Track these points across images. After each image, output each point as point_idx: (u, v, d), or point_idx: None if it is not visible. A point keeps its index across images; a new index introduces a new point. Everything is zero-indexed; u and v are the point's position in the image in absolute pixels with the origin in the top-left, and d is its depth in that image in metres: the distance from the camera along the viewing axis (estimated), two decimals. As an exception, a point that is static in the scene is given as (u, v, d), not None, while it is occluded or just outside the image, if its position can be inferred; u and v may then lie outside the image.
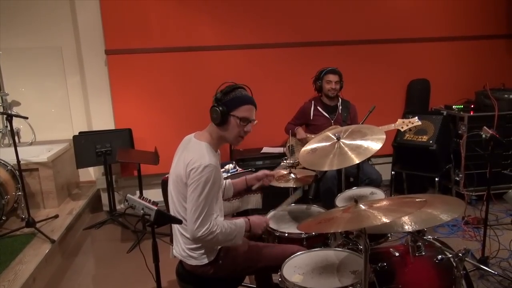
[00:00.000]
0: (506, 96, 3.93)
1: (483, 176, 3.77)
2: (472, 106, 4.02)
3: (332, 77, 3.55)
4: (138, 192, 3.90)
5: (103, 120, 4.13)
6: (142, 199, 1.65)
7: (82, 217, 3.90)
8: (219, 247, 1.89)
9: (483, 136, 2.67)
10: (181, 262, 1.96)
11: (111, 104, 4.09)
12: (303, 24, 4.18)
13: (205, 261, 1.85)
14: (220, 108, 1.78)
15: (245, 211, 2.59)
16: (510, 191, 3.66)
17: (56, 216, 3.57)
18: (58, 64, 4.20)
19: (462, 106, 4.07)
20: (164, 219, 1.65)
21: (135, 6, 3.89)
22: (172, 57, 4.04)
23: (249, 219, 1.95)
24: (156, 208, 1.61)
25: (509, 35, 4.43)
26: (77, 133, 3.85)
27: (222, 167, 3.00)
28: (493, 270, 2.71)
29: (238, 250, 1.92)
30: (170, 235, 2.12)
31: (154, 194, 4.02)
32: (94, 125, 4.15)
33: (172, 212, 1.90)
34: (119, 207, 4.12)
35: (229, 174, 2.93)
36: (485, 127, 2.69)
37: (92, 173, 4.43)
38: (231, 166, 3.02)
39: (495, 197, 3.76)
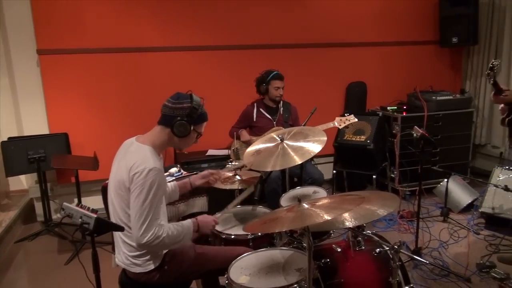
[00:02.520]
0: (434, 97, 4.25)
1: (415, 173, 4.03)
2: (405, 107, 4.30)
3: (280, 83, 3.60)
4: (76, 200, 3.71)
5: (35, 124, 3.86)
6: (80, 207, 1.57)
7: (13, 229, 3.62)
8: (165, 252, 1.85)
9: (414, 135, 2.86)
10: (124, 270, 1.89)
11: (45, 107, 3.84)
12: (246, 27, 4.21)
13: (150, 267, 1.81)
14: (189, 123, 1.80)
15: (191, 214, 2.56)
16: (439, 185, 3.98)
17: (-17, 230, 3.28)
18: (-18, 64, 3.86)
19: (396, 107, 4.34)
20: (104, 227, 1.59)
21: (70, 3, 3.69)
22: (112, 58, 3.89)
23: (196, 219, 1.94)
24: (95, 216, 1.54)
25: (436, 42, 4.80)
26: (5, 139, 3.57)
27: (166, 171, 2.94)
28: (425, 259, 2.92)
29: (184, 255, 1.89)
30: (112, 243, 2.04)
31: (94, 201, 3.83)
32: (26, 130, 3.86)
33: (114, 219, 1.83)
34: (55, 216, 3.89)
35: (173, 178, 2.88)
36: (416, 126, 2.89)
37: (24, 181, 4.12)
38: (175, 169, 2.97)
39: (426, 191, 4.04)
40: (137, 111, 3.97)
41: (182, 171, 3.04)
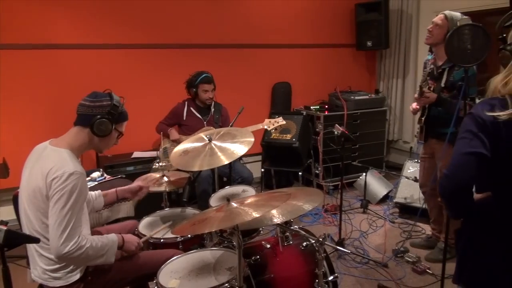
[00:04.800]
0: (352, 97, 4.53)
1: (338, 168, 4.27)
2: (326, 106, 4.53)
3: (208, 87, 3.57)
4: (-18, 212, 3.34)
5: None
6: (-13, 219, 1.42)
7: None
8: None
9: (336, 132, 3.03)
10: (41, 286, 1.74)
11: None
12: (173, 26, 4.11)
13: (72, 279, 1.69)
14: (111, 121, 1.74)
15: (116, 220, 2.44)
16: (359, 179, 4.26)
17: None
18: None
19: (318, 107, 4.55)
20: (16, 239, 1.45)
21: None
22: (21, 55, 3.54)
23: (121, 234, 1.86)
24: (5, 228, 1.40)
25: (353, 45, 5.11)
26: None
27: (88, 175, 2.78)
28: (348, 249, 3.10)
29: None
30: (26, 257, 1.87)
31: (3, 212, 3.49)
32: None
33: (28, 231, 1.68)
34: (-43, 231, 3.46)
35: (96, 183, 2.73)
36: (336, 124, 3.06)
37: None
38: (98, 173, 2.82)
39: (348, 185, 4.30)
40: (50, 113, 3.67)
41: (105, 175, 2.90)
